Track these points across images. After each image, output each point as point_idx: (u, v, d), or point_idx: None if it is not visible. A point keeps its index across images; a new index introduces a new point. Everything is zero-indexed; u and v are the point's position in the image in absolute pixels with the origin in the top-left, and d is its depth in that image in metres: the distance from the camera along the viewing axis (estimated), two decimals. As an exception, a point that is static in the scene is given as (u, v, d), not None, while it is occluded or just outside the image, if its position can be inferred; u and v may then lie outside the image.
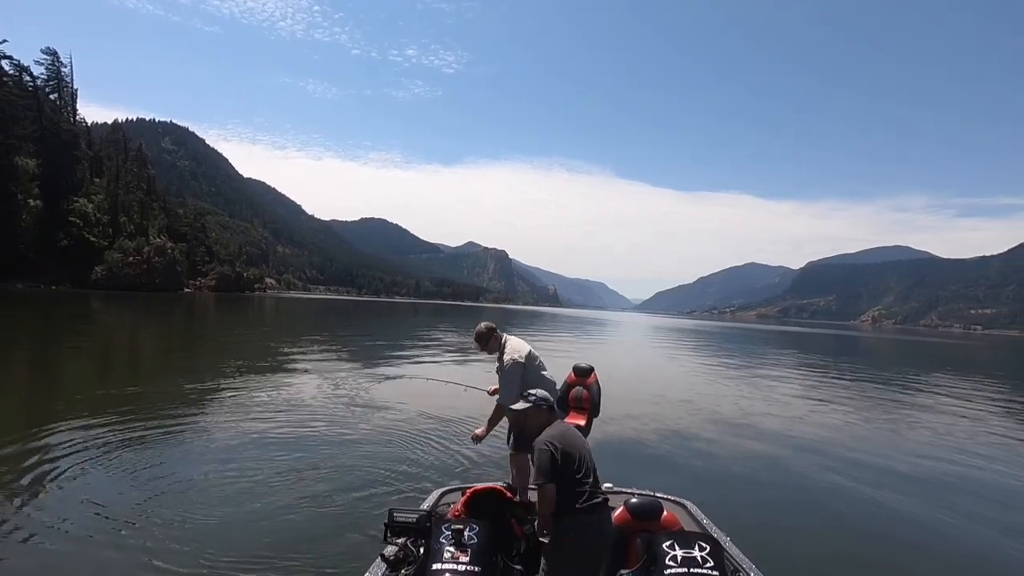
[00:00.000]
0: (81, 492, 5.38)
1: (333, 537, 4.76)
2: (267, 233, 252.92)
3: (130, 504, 5.16)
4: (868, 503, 6.78)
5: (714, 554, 2.61)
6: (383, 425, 8.94)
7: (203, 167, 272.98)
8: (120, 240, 75.95)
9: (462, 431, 8.23)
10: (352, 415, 9.57)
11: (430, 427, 8.88)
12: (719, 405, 13.13)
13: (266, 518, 5.12)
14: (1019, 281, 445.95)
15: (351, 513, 5.26)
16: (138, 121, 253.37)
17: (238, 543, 4.58)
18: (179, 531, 4.69)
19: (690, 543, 2.65)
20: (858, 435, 10.92)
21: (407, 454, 7.38)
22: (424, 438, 8.18)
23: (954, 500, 7.16)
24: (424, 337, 30.42)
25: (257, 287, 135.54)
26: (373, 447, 7.65)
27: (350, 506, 5.45)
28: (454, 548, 2.61)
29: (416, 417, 9.51)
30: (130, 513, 4.96)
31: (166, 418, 8.41)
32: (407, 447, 7.71)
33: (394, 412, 9.94)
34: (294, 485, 5.97)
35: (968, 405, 15.97)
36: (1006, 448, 10.51)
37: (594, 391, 5.05)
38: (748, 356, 31.84)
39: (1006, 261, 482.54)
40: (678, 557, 2.57)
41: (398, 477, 6.38)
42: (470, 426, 9.23)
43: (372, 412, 9.83)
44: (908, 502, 6.94)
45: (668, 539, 2.69)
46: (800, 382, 19.44)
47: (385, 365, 17.40)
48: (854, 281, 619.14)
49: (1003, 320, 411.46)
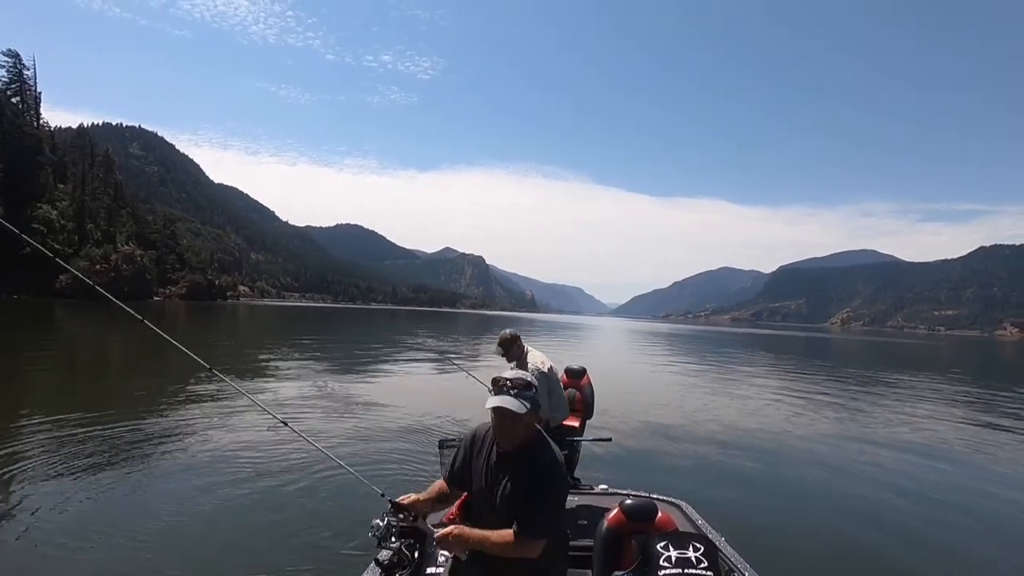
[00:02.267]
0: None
1: (327, 541, 4.72)
2: (240, 240, 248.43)
3: (113, 521, 5.03)
4: (862, 502, 6.85)
5: (708, 554, 2.60)
6: (381, 426, 8.89)
7: (172, 173, 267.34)
8: (87, 247, 73.90)
9: (461, 431, 8.18)
10: (341, 418, 9.47)
11: (430, 428, 8.84)
12: (708, 407, 13.26)
13: (257, 523, 5.05)
14: (978, 283, 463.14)
15: (344, 517, 5.21)
16: (104, 126, 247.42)
17: (229, 548, 4.52)
18: (171, 539, 4.60)
19: (685, 544, 2.64)
20: (849, 435, 11.08)
21: (401, 456, 7.33)
22: (423, 438, 8.14)
23: (947, 498, 7.23)
24: (407, 342, 30.23)
25: (230, 295, 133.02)
26: (367, 450, 7.58)
27: (343, 510, 5.39)
28: (448, 552, 2.58)
29: (415, 417, 9.43)
30: (109, 530, 4.83)
31: (140, 433, 8.19)
32: (402, 449, 7.65)
33: (391, 412, 9.85)
34: (284, 489, 5.89)
35: (949, 404, 16.41)
36: (998, 447, 10.75)
37: (587, 392, 5.09)
38: (729, 359, 32.31)
39: (966, 264, 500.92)
40: (673, 558, 2.56)
41: (392, 479, 6.33)
42: (468, 425, 9.28)
43: (363, 415, 9.74)
44: (901, 500, 7.02)
45: (663, 540, 2.67)
46: (785, 384, 19.74)
47: (377, 366, 17.24)
48: (823, 284, 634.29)
49: (964, 321, 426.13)
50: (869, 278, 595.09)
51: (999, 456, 9.91)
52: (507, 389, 2.20)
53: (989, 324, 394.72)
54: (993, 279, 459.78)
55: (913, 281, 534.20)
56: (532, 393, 2.26)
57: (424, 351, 24.07)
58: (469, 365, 18.46)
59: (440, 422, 9.51)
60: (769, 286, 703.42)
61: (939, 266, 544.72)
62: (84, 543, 4.52)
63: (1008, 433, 12.13)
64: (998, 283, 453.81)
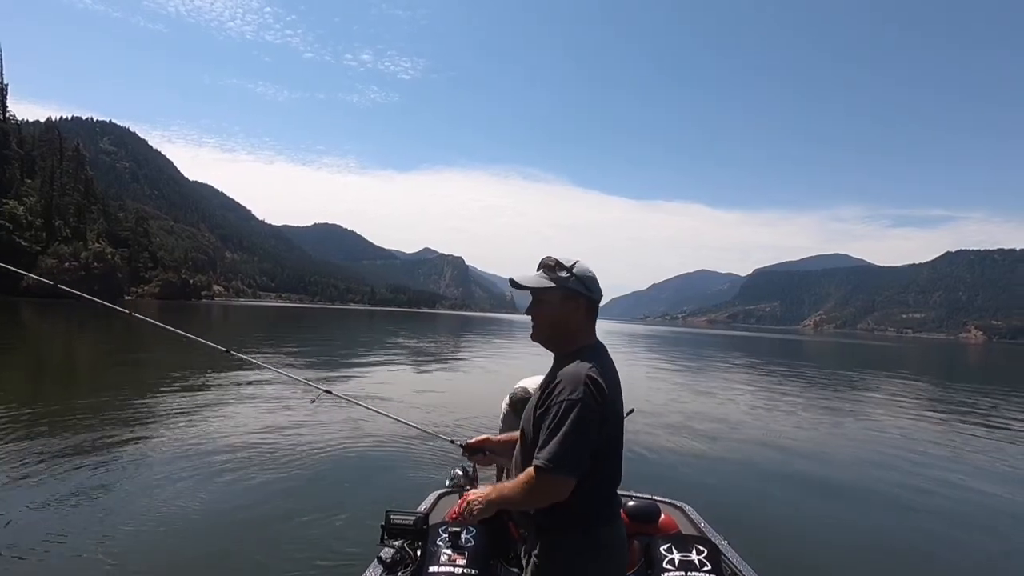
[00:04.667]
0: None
1: (328, 539, 4.66)
2: (215, 238, 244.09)
3: (105, 525, 4.88)
4: (868, 504, 6.71)
5: (711, 557, 2.63)
6: (378, 426, 8.78)
7: (145, 169, 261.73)
8: (55, 245, 71.80)
9: (462, 432, 8.14)
10: (339, 413, 9.30)
11: (429, 428, 8.73)
12: (706, 408, 13.19)
13: (257, 520, 4.98)
14: (945, 287, 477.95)
15: (346, 515, 5.15)
16: (74, 120, 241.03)
17: (229, 546, 4.46)
18: (168, 541, 4.50)
19: (688, 546, 2.67)
20: (850, 436, 10.96)
21: (403, 454, 7.25)
22: (422, 439, 8.07)
23: (957, 499, 7.15)
24: (390, 343, 30.01)
25: (204, 294, 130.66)
26: (367, 447, 7.48)
27: (345, 508, 5.32)
28: (451, 551, 2.58)
29: (414, 418, 9.32)
30: (100, 534, 4.70)
31: (125, 435, 7.97)
32: (403, 447, 7.55)
33: (387, 412, 9.72)
34: (284, 486, 5.83)
35: (930, 406, 16.71)
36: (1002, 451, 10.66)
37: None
38: (714, 360, 32.57)
39: (933, 268, 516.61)
40: (676, 560, 2.59)
41: (393, 478, 6.24)
42: (470, 426, 9.25)
43: (361, 411, 9.60)
44: (906, 501, 6.95)
45: (666, 542, 2.70)
46: (776, 385, 19.77)
47: (371, 367, 17.07)
48: (797, 287, 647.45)
49: (931, 324, 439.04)
50: (841, 282, 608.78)
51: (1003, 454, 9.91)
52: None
53: (954, 327, 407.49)
54: (958, 283, 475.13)
55: (883, 285, 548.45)
56: (563, 275, 1.78)
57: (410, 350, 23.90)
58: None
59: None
60: (745, 289, 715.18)
61: (908, 270, 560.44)
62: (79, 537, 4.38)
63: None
64: (963, 287, 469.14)
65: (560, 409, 1.62)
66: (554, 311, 1.79)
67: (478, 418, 9.76)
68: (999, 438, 11.60)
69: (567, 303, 1.77)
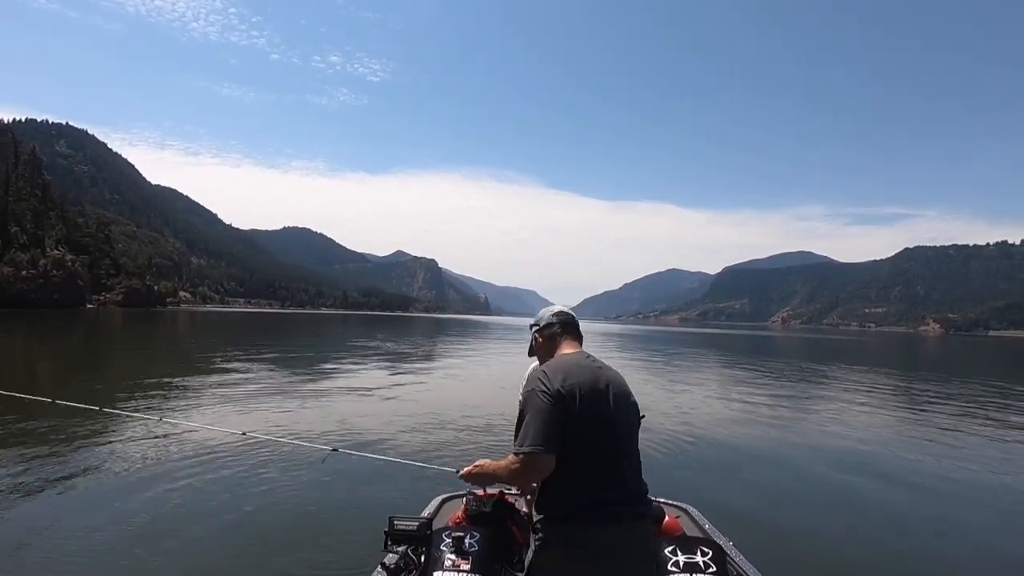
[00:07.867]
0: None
1: (331, 545, 4.64)
2: (180, 243, 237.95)
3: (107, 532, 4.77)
4: (873, 504, 6.67)
5: (717, 559, 2.65)
6: (377, 426, 8.72)
7: (104, 173, 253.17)
8: (11, 252, 68.96)
9: (461, 434, 8.12)
10: (337, 415, 9.24)
11: (428, 428, 8.73)
12: (704, 408, 13.13)
13: (261, 525, 4.95)
14: (904, 283, 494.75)
15: (349, 520, 5.13)
16: (28, 122, 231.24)
17: (232, 552, 4.44)
18: (174, 547, 4.45)
19: (692, 549, 2.68)
20: (856, 434, 10.89)
21: (407, 457, 7.13)
22: (422, 439, 8.03)
23: (967, 496, 7.15)
24: (373, 347, 29.69)
25: (170, 301, 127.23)
26: (370, 451, 7.37)
27: (348, 514, 5.31)
28: (455, 556, 2.59)
29: (414, 418, 9.31)
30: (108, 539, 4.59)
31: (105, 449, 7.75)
32: (407, 449, 7.54)
33: (387, 413, 9.68)
34: (287, 492, 5.79)
35: (913, 398, 17.02)
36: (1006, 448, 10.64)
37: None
38: (696, 359, 32.77)
39: (893, 264, 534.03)
40: (681, 563, 2.60)
41: (397, 482, 6.21)
42: (471, 426, 9.27)
43: (360, 414, 9.56)
44: (912, 501, 6.90)
45: (670, 545, 2.70)
46: (768, 383, 19.76)
47: (369, 370, 16.81)
48: (765, 285, 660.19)
49: (892, 318, 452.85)
50: (806, 279, 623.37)
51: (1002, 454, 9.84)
52: None
53: (913, 320, 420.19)
54: (917, 278, 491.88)
55: (846, 281, 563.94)
56: (532, 327, 2.44)
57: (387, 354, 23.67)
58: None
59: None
60: (715, 287, 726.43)
61: (869, 266, 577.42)
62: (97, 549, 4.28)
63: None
64: (921, 282, 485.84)
65: (521, 403, 2.06)
66: (535, 345, 2.39)
67: (479, 422, 9.73)
68: (1014, 439, 11.30)
69: (536, 339, 2.39)
